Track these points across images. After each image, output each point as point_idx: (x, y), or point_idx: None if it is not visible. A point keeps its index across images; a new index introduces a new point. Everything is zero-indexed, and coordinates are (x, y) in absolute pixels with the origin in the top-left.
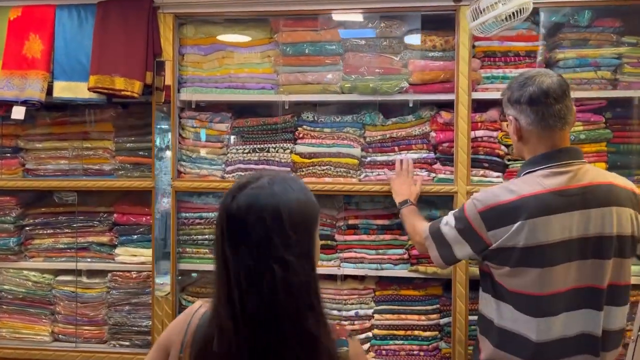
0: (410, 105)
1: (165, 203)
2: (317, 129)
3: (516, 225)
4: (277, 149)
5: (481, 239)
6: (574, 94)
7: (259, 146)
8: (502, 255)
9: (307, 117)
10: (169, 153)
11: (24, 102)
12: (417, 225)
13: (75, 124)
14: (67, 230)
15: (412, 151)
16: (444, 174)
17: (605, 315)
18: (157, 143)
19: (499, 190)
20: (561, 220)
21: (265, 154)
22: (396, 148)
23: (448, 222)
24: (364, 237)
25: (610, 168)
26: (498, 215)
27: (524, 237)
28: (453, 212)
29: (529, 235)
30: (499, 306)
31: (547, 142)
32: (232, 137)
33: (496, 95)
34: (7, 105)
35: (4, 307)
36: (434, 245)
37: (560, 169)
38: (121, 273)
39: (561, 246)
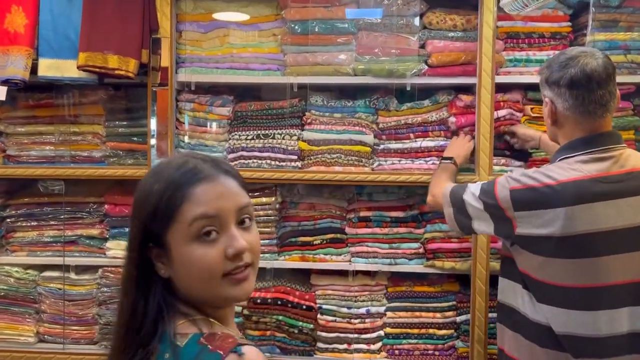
0: (428, 89)
1: None
2: (327, 114)
3: (552, 212)
4: (283, 135)
5: (507, 219)
6: None
7: (263, 132)
8: (536, 244)
9: (316, 101)
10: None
11: (5, 82)
12: (443, 181)
13: (62, 107)
14: (53, 223)
15: (428, 138)
16: None
17: None
18: (153, 128)
19: (535, 173)
20: (603, 208)
21: (270, 140)
22: (411, 135)
23: (473, 192)
24: (377, 230)
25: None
26: (530, 198)
27: (562, 226)
28: (482, 183)
29: (567, 223)
30: (525, 296)
31: (585, 128)
32: (234, 122)
33: (519, 78)
34: None
35: None
36: (452, 209)
37: (601, 155)
38: (113, 268)
39: (604, 236)
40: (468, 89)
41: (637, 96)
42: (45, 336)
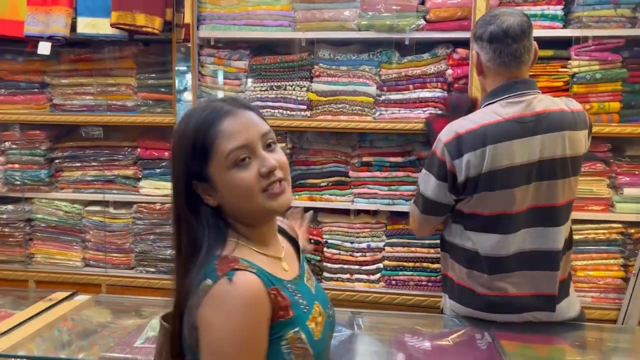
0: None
1: None
2: (334, 67)
3: (479, 151)
4: (293, 86)
5: (449, 171)
6: (592, 32)
7: (276, 84)
8: (469, 186)
9: (324, 55)
10: (188, 91)
11: (49, 38)
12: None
13: (99, 61)
14: (94, 164)
15: (426, 90)
16: None
17: (557, 233)
18: (177, 80)
19: (461, 121)
20: (520, 145)
21: (282, 91)
22: (410, 86)
23: (421, 181)
24: (377, 174)
25: (624, 107)
26: (461, 144)
27: (488, 162)
28: (421, 172)
29: (491, 160)
30: (458, 228)
31: (503, 77)
32: (250, 74)
33: None
34: (34, 40)
35: (39, 234)
36: (417, 210)
37: (516, 99)
38: (146, 205)
39: (520, 169)
40: (464, 43)
41: (626, 49)
42: (90, 261)
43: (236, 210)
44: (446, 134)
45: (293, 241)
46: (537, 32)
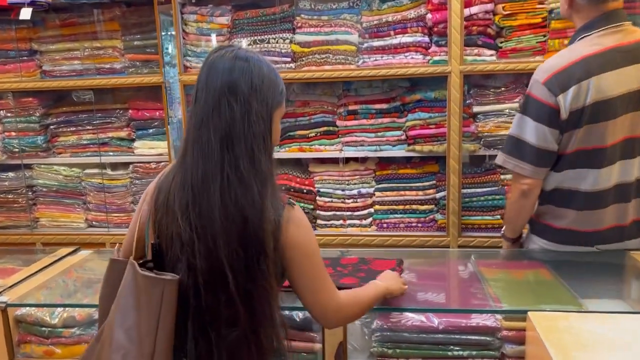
0: None
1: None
2: (315, 17)
3: (584, 83)
4: (276, 39)
5: (553, 109)
6: None
7: (259, 37)
8: (572, 121)
9: (305, 5)
10: (173, 49)
11: (31, 3)
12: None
13: (84, 25)
14: (88, 127)
15: (407, 35)
16: (439, 55)
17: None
18: (162, 39)
19: (557, 57)
20: (622, 74)
21: (265, 45)
22: (392, 32)
23: (517, 133)
24: (364, 121)
25: None
26: (562, 78)
27: (592, 94)
28: (515, 117)
29: (596, 91)
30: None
31: (599, 9)
32: (233, 30)
33: None
34: (17, 8)
35: (41, 199)
36: (518, 163)
37: (615, 29)
38: (141, 165)
39: (622, 99)
40: None
41: None
42: (93, 222)
43: None
44: (542, 73)
45: None
46: None
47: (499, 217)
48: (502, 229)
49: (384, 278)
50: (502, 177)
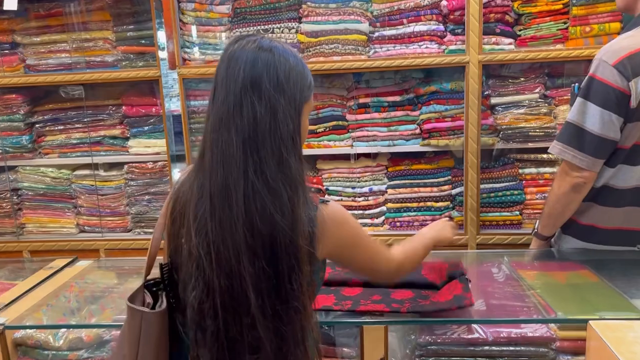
0: None
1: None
2: (322, 5)
3: None
4: (282, 29)
5: (624, 95)
6: None
7: (263, 27)
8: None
9: None
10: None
11: None
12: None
13: (70, 15)
14: (78, 126)
15: (420, 23)
16: (455, 44)
17: None
18: (159, 30)
19: (628, 38)
20: None
21: (270, 35)
22: (405, 20)
23: (578, 120)
24: (376, 115)
25: (624, 29)
26: (637, 63)
27: None
28: (576, 103)
29: None
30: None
31: None
32: (234, 19)
33: None
34: None
35: (27, 203)
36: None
37: None
38: (137, 164)
39: None
40: None
41: None
42: (85, 227)
43: None
44: (611, 54)
45: None
46: None
47: (517, 212)
48: (535, 226)
49: (432, 227)
50: (521, 171)
